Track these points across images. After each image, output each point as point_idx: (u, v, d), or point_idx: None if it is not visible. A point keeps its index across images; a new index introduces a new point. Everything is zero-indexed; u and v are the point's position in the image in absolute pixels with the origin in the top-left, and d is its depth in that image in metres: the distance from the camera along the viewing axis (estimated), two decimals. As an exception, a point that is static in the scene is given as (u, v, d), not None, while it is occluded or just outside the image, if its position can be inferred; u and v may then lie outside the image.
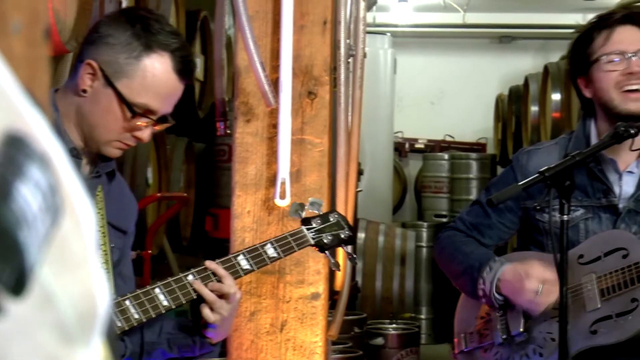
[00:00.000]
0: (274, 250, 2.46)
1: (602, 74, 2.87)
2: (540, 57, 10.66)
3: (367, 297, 7.44)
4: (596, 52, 2.89)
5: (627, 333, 2.68)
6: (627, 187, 2.90)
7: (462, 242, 3.04)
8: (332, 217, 2.54)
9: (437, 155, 10.43)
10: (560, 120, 7.40)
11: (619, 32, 2.88)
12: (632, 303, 2.70)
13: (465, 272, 2.96)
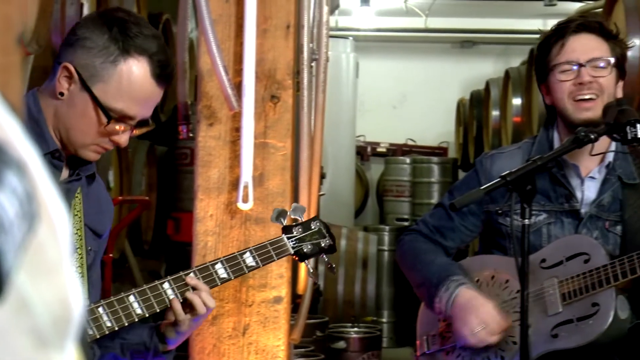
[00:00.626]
0: (252, 259, 2.43)
1: (557, 84, 2.91)
2: (501, 62, 10.74)
3: (329, 300, 7.44)
4: (552, 61, 2.93)
5: (587, 337, 2.70)
6: (589, 193, 2.92)
7: (423, 249, 3.05)
8: (314, 225, 2.50)
9: (399, 159, 10.47)
10: (520, 125, 7.45)
11: (572, 41, 2.91)
12: (592, 307, 2.72)
13: (424, 284, 2.99)
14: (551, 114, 3.03)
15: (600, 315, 2.70)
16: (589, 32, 2.93)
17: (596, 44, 2.92)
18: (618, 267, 2.70)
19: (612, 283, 2.70)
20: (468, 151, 9.90)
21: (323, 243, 2.48)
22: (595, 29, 2.93)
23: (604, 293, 2.71)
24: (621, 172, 2.92)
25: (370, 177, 11.40)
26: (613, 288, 2.71)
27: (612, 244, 2.88)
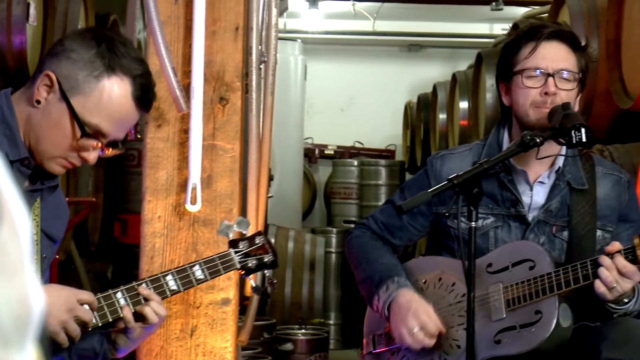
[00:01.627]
0: (201, 272, 2.46)
1: (521, 89, 2.90)
2: (449, 66, 10.80)
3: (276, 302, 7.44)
4: (519, 64, 2.91)
5: (529, 344, 2.72)
6: (538, 198, 2.95)
7: (370, 245, 3.06)
8: (259, 240, 2.54)
9: (347, 162, 10.48)
10: (467, 128, 7.51)
11: (544, 47, 2.90)
12: (536, 315, 2.74)
13: (366, 281, 3.00)
14: (505, 114, 3.03)
15: (542, 323, 2.72)
16: (561, 41, 2.91)
17: (566, 55, 2.90)
18: (562, 276, 2.72)
19: (555, 291, 2.72)
20: (415, 154, 9.95)
21: (266, 258, 2.53)
22: (567, 39, 2.92)
23: (547, 301, 2.73)
24: (570, 177, 2.94)
25: (318, 180, 11.40)
26: (556, 296, 2.73)
27: (559, 249, 2.91)
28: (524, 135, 2.70)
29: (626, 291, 2.69)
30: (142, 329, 2.39)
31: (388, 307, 2.90)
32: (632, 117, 4.52)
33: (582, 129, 2.66)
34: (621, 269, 2.65)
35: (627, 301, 2.76)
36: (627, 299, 2.75)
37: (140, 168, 3.05)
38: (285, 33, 10.02)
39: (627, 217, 2.96)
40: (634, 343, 2.64)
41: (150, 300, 2.37)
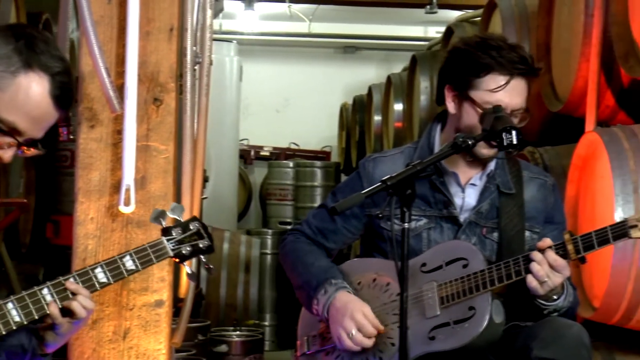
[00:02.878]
0: (132, 262, 2.41)
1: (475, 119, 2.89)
2: (384, 68, 10.87)
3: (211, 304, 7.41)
4: (481, 92, 2.89)
5: (463, 340, 2.76)
6: (469, 200, 2.99)
7: (305, 250, 3.07)
8: (193, 226, 2.49)
9: (282, 163, 10.49)
10: (402, 130, 7.56)
11: (512, 85, 2.88)
12: (469, 311, 2.79)
13: (303, 286, 3.01)
14: (442, 114, 3.05)
15: (475, 319, 2.77)
16: (525, 78, 2.91)
17: (525, 92, 2.92)
18: (495, 273, 2.77)
19: (488, 288, 2.77)
20: (350, 155, 9.99)
21: (201, 244, 2.49)
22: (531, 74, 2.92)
23: (480, 297, 2.78)
24: (500, 181, 3.00)
25: (253, 181, 11.39)
26: (489, 293, 2.78)
27: (489, 250, 2.96)
28: (457, 137, 2.74)
29: (556, 285, 2.75)
30: (70, 324, 2.36)
31: (328, 311, 2.91)
32: (562, 119, 4.60)
33: (512, 132, 2.71)
34: (552, 263, 2.71)
35: (557, 298, 2.82)
36: (556, 295, 2.81)
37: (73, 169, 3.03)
38: (221, 34, 10.00)
39: (552, 219, 3.02)
40: (563, 342, 2.70)
41: (77, 294, 2.34)
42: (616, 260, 3.53)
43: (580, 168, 3.98)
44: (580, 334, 2.73)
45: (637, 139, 3.63)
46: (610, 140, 3.66)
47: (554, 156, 4.58)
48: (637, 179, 3.53)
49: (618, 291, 3.55)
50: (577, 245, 2.71)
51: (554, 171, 4.42)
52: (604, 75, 4.07)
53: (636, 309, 3.57)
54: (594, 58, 3.99)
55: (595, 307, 3.74)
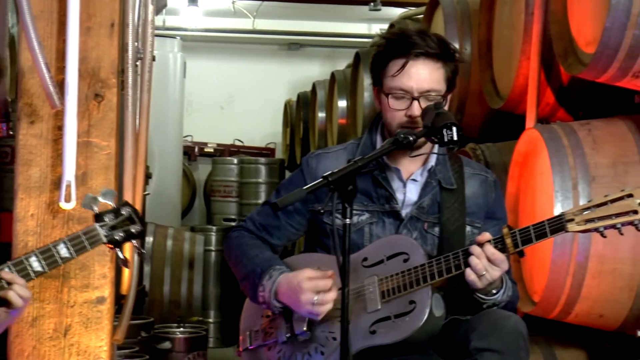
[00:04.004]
0: (66, 250, 2.40)
1: (388, 111, 2.94)
2: (328, 65, 10.89)
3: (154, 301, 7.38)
4: (387, 81, 2.94)
5: (403, 333, 2.78)
6: (411, 195, 3.01)
7: (249, 244, 3.08)
8: (124, 211, 2.49)
9: (227, 160, 10.47)
10: (346, 127, 7.59)
11: (412, 65, 2.91)
12: (410, 305, 2.81)
13: (248, 276, 3.01)
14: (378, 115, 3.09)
15: (416, 313, 2.79)
16: (428, 59, 2.92)
17: (432, 74, 2.92)
18: (435, 267, 2.79)
19: (428, 282, 2.79)
20: (295, 152, 10.00)
21: (133, 229, 2.49)
22: (434, 56, 2.92)
23: (420, 291, 2.80)
24: (441, 176, 3.02)
25: (197, 178, 11.35)
26: (429, 286, 2.80)
27: (431, 245, 2.98)
28: (398, 133, 2.76)
29: (495, 279, 2.78)
30: (7, 314, 2.34)
31: (275, 295, 2.91)
32: (503, 116, 4.65)
33: (453, 128, 2.73)
34: (490, 257, 2.75)
35: (496, 292, 2.85)
36: (495, 289, 2.84)
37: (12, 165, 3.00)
38: (164, 30, 9.94)
39: (493, 215, 3.05)
40: (501, 332, 2.73)
41: (13, 283, 2.32)
42: (555, 256, 3.58)
43: (520, 164, 4.03)
44: (518, 324, 2.77)
45: (576, 136, 3.69)
46: (550, 137, 3.71)
47: (495, 153, 4.63)
48: (576, 175, 3.58)
49: (557, 286, 3.61)
50: (516, 239, 2.75)
51: (495, 168, 4.47)
52: (544, 73, 4.12)
53: (574, 303, 3.63)
54: (534, 56, 4.04)
55: (535, 301, 3.79)
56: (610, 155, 3.62)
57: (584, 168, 3.59)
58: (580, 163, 3.60)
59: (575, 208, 2.73)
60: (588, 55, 3.49)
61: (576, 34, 3.69)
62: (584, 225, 2.70)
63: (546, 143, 3.69)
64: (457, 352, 2.78)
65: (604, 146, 3.64)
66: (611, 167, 3.59)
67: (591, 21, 3.52)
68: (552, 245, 3.56)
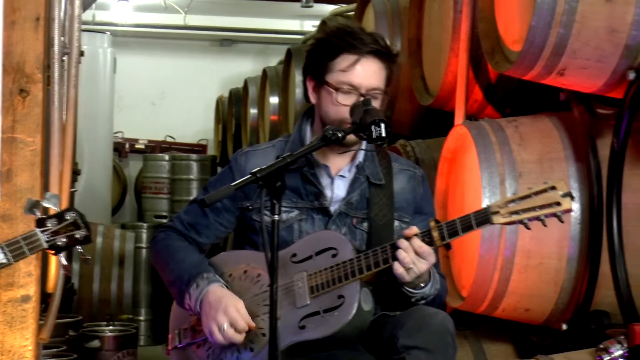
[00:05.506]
0: (4, 255, 2.35)
1: (333, 105, 2.95)
2: (260, 61, 10.88)
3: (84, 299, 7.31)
4: (334, 75, 2.95)
5: (333, 328, 2.79)
6: (339, 191, 3.03)
7: (176, 247, 3.05)
8: (69, 216, 2.44)
9: (158, 156, 10.41)
10: (278, 123, 7.59)
11: (362, 63, 2.93)
12: (338, 299, 2.82)
13: (175, 282, 3.00)
14: (310, 108, 3.09)
15: (345, 307, 2.80)
16: (377, 58, 2.95)
17: (379, 72, 2.95)
18: (363, 261, 2.81)
19: (357, 276, 2.81)
20: (227, 149, 9.97)
21: (78, 234, 2.44)
22: (383, 55, 2.96)
23: (349, 286, 2.82)
24: (369, 172, 3.04)
25: (128, 174, 11.26)
26: (358, 281, 2.81)
27: (359, 240, 3.00)
28: (326, 130, 2.77)
29: (423, 272, 2.80)
30: None
31: (200, 305, 2.91)
32: (432, 113, 4.69)
33: (381, 124, 2.75)
34: (417, 250, 2.77)
35: (424, 285, 2.87)
36: (423, 283, 2.87)
37: None
38: (94, 25, 9.84)
39: (421, 210, 3.08)
40: (428, 329, 2.75)
41: None
42: (483, 251, 3.62)
43: (449, 161, 4.06)
44: (445, 321, 2.79)
45: (504, 132, 3.73)
46: (478, 134, 3.75)
47: (424, 149, 4.67)
48: (503, 171, 3.63)
49: (485, 281, 3.65)
50: (442, 232, 2.77)
51: (425, 164, 4.51)
52: (473, 71, 4.16)
53: (502, 298, 3.68)
54: (462, 53, 4.08)
55: (463, 296, 3.83)
56: (537, 151, 3.67)
57: (511, 164, 3.64)
58: (507, 159, 3.65)
59: (501, 200, 2.76)
60: (515, 53, 3.54)
61: (503, 32, 3.73)
62: (509, 217, 2.73)
63: (474, 139, 3.73)
64: (385, 349, 2.80)
65: (530, 143, 3.70)
66: (537, 163, 3.64)
67: (518, 20, 3.57)
68: (480, 240, 3.61)
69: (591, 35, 3.30)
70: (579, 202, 3.59)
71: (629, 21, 3.26)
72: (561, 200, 2.69)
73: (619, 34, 3.29)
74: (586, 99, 3.70)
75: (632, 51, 3.31)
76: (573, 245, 3.60)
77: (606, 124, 3.69)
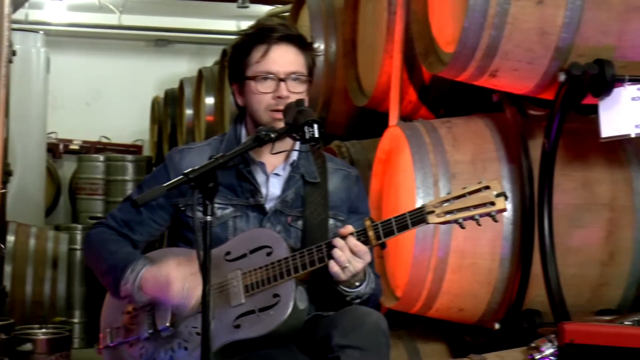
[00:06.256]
0: None
1: (255, 94, 2.97)
2: (196, 62, 10.83)
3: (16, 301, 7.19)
4: (251, 68, 2.98)
5: (268, 327, 2.79)
6: (274, 189, 3.03)
7: (111, 240, 3.04)
8: None
9: (93, 157, 10.30)
10: (214, 124, 7.57)
11: (274, 50, 2.97)
12: (274, 298, 2.82)
13: (110, 271, 2.97)
14: (241, 111, 3.09)
15: (280, 306, 2.80)
16: (290, 43, 2.99)
17: (295, 57, 2.99)
18: (298, 260, 2.81)
19: (292, 275, 2.81)
20: (162, 149, 9.92)
21: None
22: (295, 41, 3.00)
23: (284, 284, 2.81)
24: (304, 170, 3.04)
25: (62, 175, 11.14)
26: (293, 280, 2.82)
27: (294, 238, 3.00)
28: (259, 130, 2.77)
29: (358, 271, 2.81)
30: None
31: (140, 287, 2.88)
32: (367, 114, 4.70)
33: (314, 125, 2.75)
34: (353, 249, 2.78)
35: (359, 284, 2.88)
36: (359, 282, 2.88)
37: None
38: (27, 24, 9.71)
39: (356, 209, 3.10)
40: (362, 329, 2.76)
41: None
42: (417, 251, 3.64)
43: (384, 162, 4.08)
44: (379, 321, 2.80)
45: (437, 133, 3.76)
46: (412, 135, 3.78)
47: (360, 150, 4.68)
48: (437, 172, 3.65)
49: (419, 281, 3.67)
50: (378, 231, 2.79)
51: (360, 165, 4.53)
52: (407, 72, 4.19)
53: (435, 298, 3.71)
54: (396, 55, 4.10)
55: (397, 296, 3.85)
56: (470, 152, 3.71)
57: (444, 165, 3.67)
58: (441, 160, 3.68)
59: (435, 200, 2.79)
60: (448, 55, 3.57)
61: (437, 34, 3.76)
62: (443, 217, 2.76)
63: (408, 140, 3.75)
64: (320, 349, 2.80)
65: (463, 144, 3.73)
66: (470, 164, 3.67)
67: (451, 21, 3.60)
68: (414, 240, 3.63)
69: (522, 37, 3.34)
70: (512, 202, 3.63)
71: (559, 23, 3.31)
72: (495, 200, 2.72)
73: (549, 36, 3.33)
74: (518, 100, 3.75)
75: (563, 53, 3.37)
76: (506, 245, 3.64)
77: (538, 125, 3.74)
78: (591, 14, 3.30)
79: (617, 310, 3.70)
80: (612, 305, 3.73)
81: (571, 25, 3.31)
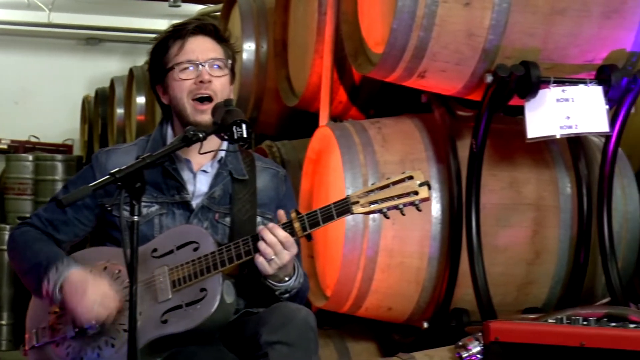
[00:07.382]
0: None
1: (176, 83, 3.00)
2: (127, 60, 10.74)
3: (-60, 304, 7.09)
4: (171, 61, 3.01)
5: (195, 321, 2.79)
6: (201, 186, 3.03)
7: (35, 238, 3.01)
8: None
9: (21, 157, 10.16)
10: (144, 123, 7.52)
11: (191, 42, 3.01)
12: (201, 292, 2.82)
13: (32, 270, 2.95)
14: (167, 112, 3.10)
15: (207, 300, 2.80)
16: (205, 35, 3.04)
17: (212, 46, 3.03)
18: (225, 254, 2.82)
19: (219, 269, 2.82)
20: (93, 149, 9.82)
21: None
22: (211, 32, 3.05)
23: (211, 279, 2.82)
24: (232, 167, 3.05)
25: (-10, 175, 10.97)
26: (220, 274, 2.82)
27: (222, 235, 3.00)
28: (187, 130, 2.76)
29: (285, 263, 2.83)
30: None
31: (60, 288, 2.86)
32: (298, 114, 4.72)
33: (243, 125, 2.76)
34: (280, 239, 2.79)
35: (288, 279, 2.89)
36: (287, 277, 2.89)
37: None
38: (-47, 22, 9.56)
39: (285, 207, 3.10)
40: (291, 325, 2.77)
41: None
42: (347, 250, 3.66)
43: (314, 162, 4.10)
44: (307, 317, 2.82)
45: (367, 134, 3.78)
46: (342, 135, 3.79)
47: (290, 150, 4.69)
48: (366, 172, 3.67)
49: (348, 280, 3.69)
50: (304, 222, 2.81)
51: (290, 165, 4.54)
52: (337, 72, 4.21)
53: (365, 297, 3.73)
54: (327, 55, 4.12)
55: (327, 296, 3.87)
56: (399, 152, 3.74)
57: (374, 165, 3.69)
58: (370, 160, 3.70)
59: (360, 190, 2.81)
60: (377, 55, 3.59)
61: (366, 35, 3.78)
62: (368, 207, 2.78)
63: (338, 141, 3.77)
64: (248, 347, 2.80)
65: (393, 144, 3.76)
66: (399, 164, 3.70)
67: (380, 22, 3.62)
68: (344, 239, 3.64)
69: (450, 38, 3.37)
70: (440, 202, 3.67)
71: (486, 25, 3.35)
72: (419, 189, 2.76)
73: (476, 37, 3.37)
74: (447, 101, 3.79)
75: (490, 55, 3.41)
76: (434, 244, 3.67)
77: (466, 125, 3.78)
78: (517, 16, 3.35)
79: (542, 308, 3.76)
80: (538, 304, 3.79)
81: (498, 27, 3.35)
